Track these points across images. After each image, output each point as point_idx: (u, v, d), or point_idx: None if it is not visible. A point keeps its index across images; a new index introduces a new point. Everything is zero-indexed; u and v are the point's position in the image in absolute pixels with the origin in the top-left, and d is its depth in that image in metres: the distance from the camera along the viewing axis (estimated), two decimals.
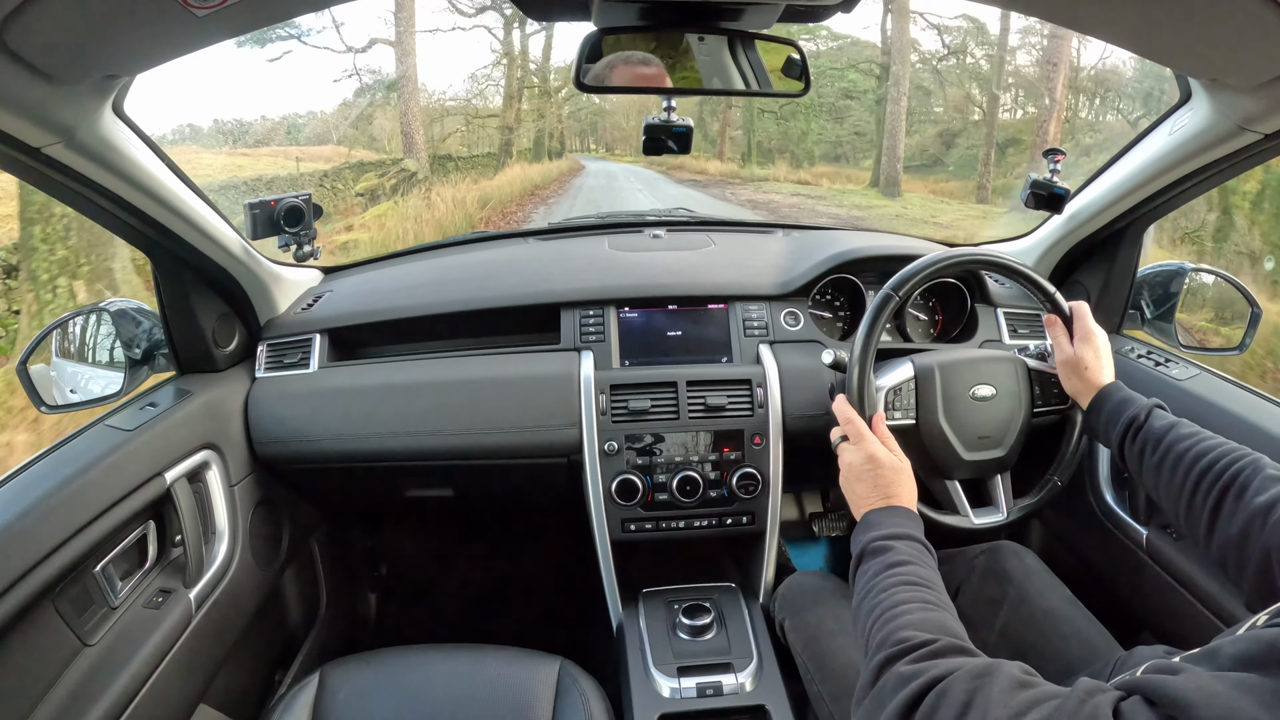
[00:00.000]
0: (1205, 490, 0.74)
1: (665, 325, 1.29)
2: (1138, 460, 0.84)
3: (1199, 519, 0.74)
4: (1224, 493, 0.72)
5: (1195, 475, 0.76)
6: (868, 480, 0.86)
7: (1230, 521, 0.71)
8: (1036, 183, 1.24)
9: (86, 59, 0.69)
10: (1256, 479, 0.71)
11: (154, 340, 1.18)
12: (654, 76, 0.88)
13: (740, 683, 1.04)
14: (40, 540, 0.80)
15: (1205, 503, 0.74)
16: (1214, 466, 0.75)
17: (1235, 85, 0.84)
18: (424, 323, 1.32)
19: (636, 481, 1.16)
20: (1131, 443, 0.85)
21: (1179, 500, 0.77)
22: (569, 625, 1.68)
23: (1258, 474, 0.72)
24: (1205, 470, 0.75)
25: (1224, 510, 0.72)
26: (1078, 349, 0.97)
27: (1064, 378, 0.98)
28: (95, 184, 0.88)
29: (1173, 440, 0.81)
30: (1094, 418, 0.91)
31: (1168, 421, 0.84)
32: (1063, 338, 0.99)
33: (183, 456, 1.06)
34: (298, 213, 1.21)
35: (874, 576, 0.73)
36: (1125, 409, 0.87)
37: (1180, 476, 0.77)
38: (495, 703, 0.95)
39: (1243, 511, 0.70)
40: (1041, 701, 0.49)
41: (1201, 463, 0.76)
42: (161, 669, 0.95)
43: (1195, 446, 0.78)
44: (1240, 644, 0.44)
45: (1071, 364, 0.96)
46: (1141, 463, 0.83)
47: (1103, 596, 1.07)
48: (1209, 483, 0.74)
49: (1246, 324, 1.22)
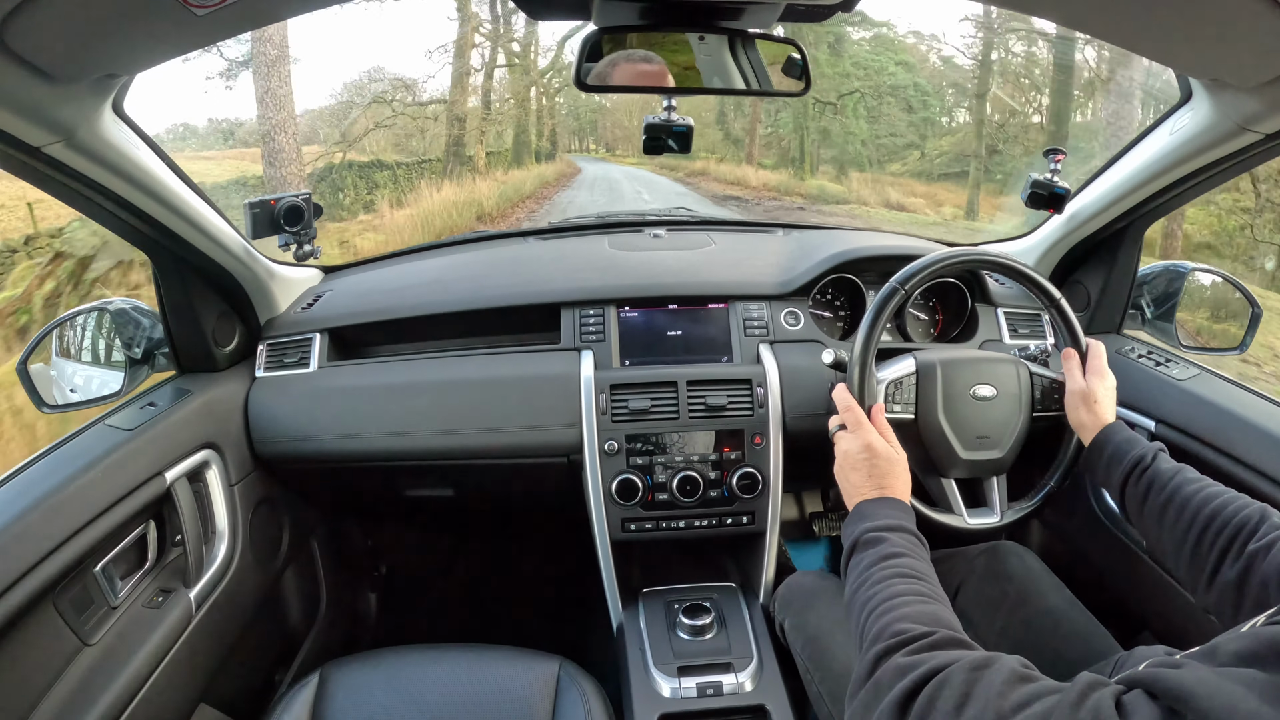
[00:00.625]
0: (1213, 535, 0.73)
1: (665, 325, 1.29)
2: (1140, 501, 0.83)
3: (1203, 563, 0.74)
4: (1232, 539, 0.72)
5: (1203, 520, 0.75)
6: (862, 469, 0.85)
7: (1232, 566, 0.71)
8: (1037, 182, 1.24)
9: (86, 58, 0.69)
10: (1263, 526, 0.71)
11: (154, 339, 1.18)
12: (654, 75, 0.88)
13: (740, 682, 1.04)
14: (40, 540, 0.80)
15: (1212, 548, 0.73)
16: (1222, 512, 0.74)
17: (1236, 85, 0.84)
18: (424, 322, 1.31)
19: (636, 481, 1.16)
20: (1136, 483, 0.84)
21: (1182, 544, 0.77)
22: (569, 625, 1.68)
23: (1265, 521, 0.71)
24: (1213, 516, 0.75)
25: (1229, 555, 0.72)
26: (1090, 382, 0.96)
27: (1071, 408, 0.97)
28: (95, 183, 0.88)
29: (1180, 483, 0.80)
30: (1096, 454, 0.91)
31: (1174, 466, 0.83)
32: (1077, 370, 0.99)
33: (183, 456, 1.06)
34: (298, 212, 1.21)
35: (868, 568, 0.72)
36: (1130, 448, 0.86)
37: (1186, 520, 0.76)
38: (495, 702, 0.95)
39: (1245, 557, 0.70)
40: (1042, 695, 0.49)
41: (1209, 508, 0.75)
42: (161, 668, 0.95)
43: (1202, 492, 0.78)
44: (1240, 641, 0.44)
45: (1082, 395, 0.96)
46: (1144, 504, 0.82)
47: (1103, 597, 1.07)
48: (1216, 528, 0.74)
49: (1247, 324, 1.22)
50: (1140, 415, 1.16)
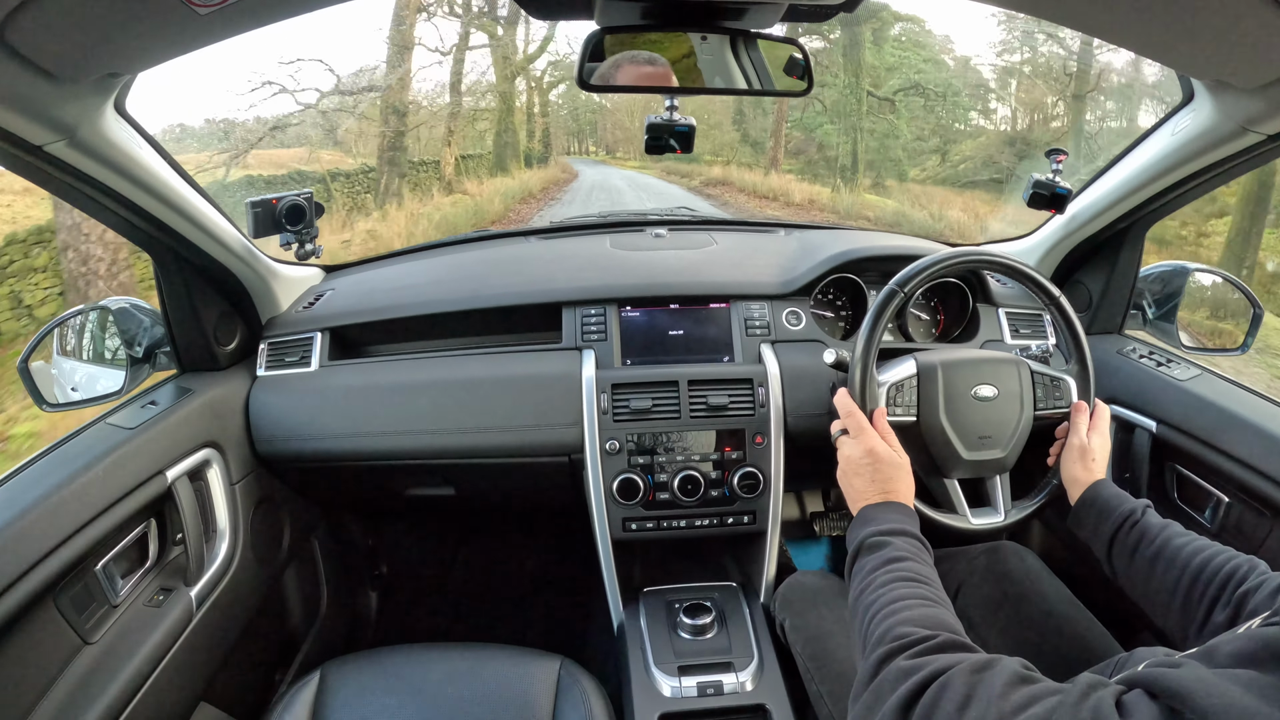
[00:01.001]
0: (1203, 585, 0.74)
1: (667, 324, 1.29)
2: (1129, 554, 0.83)
3: (1194, 612, 0.74)
4: (1222, 588, 0.73)
5: (1193, 571, 0.76)
6: (866, 474, 0.86)
7: (1223, 611, 0.71)
8: (1039, 182, 1.24)
9: (88, 57, 0.69)
10: (1252, 574, 0.71)
11: (155, 338, 1.18)
12: (657, 75, 0.88)
13: (741, 682, 1.04)
14: (41, 538, 0.80)
15: (1203, 597, 0.74)
16: (1211, 563, 0.75)
17: (1238, 86, 0.84)
18: (425, 321, 1.31)
19: (638, 481, 1.16)
20: (1125, 536, 0.84)
21: (1173, 594, 0.77)
22: (569, 624, 1.68)
23: (1254, 570, 0.72)
24: (1203, 566, 0.75)
25: (1219, 602, 0.72)
26: (1091, 439, 0.97)
27: (1068, 463, 0.97)
28: (97, 182, 0.88)
29: (1169, 536, 0.81)
30: (1085, 510, 0.91)
31: (1162, 521, 0.84)
32: (1083, 425, 0.99)
33: (184, 455, 1.06)
34: (299, 211, 1.21)
35: (871, 572, 0.73)
36: (1120, 503, 0.87)
37: (1176, 572, 0.77)
38: (495, 702, 0.95)
39: (1236, 601, 0.70)
40: (1043, 696, 0.49)
41: (1198, 559, 0.76)
42: (162, 667, 0.95)
43: (1191, 544, 0.79)
44: (1238, 642, 0.45)
45: (1080, 450, 0.96)
46: (1133, 556, 0.83)
47: (1103, 597, 1.07)
48: (1206, 579, 0.74)
49: (1249, 325, 1.22)
50: (1141, 416, 1.16)
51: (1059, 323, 1.06)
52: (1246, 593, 0.70)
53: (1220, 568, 0.74)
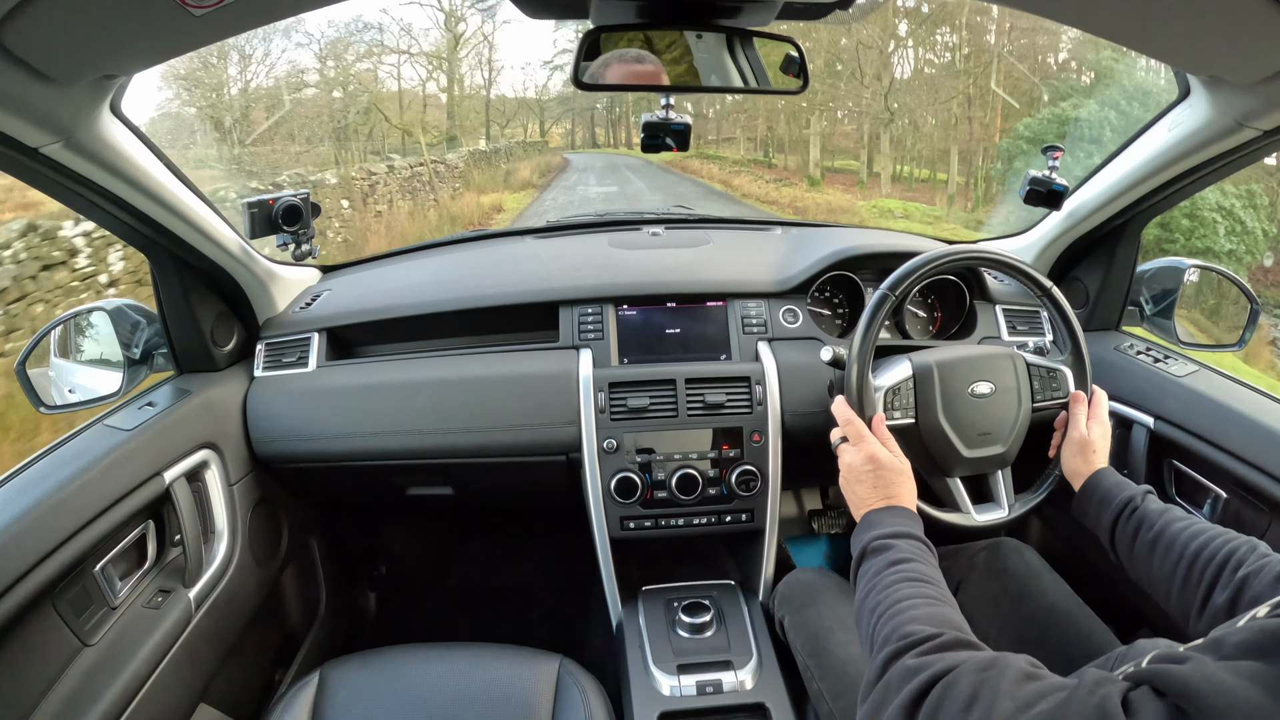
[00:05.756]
0: (1202, 566, 0.75)
1: (664, 323, 1.29)
2: (1130, 539, 0.84)
3: (1194, 593, 0.75)
4: (1221, 568, 0.73)
5: (1191, 553, 0.76)
6: (868, 481, 0.86)
7: (1223, 592, 0.72)
8: (1035, 179, 1.24)
9: (84, 59, 0.69)
10: (1252, 555, 0.72)
11: (152, 340, 1.18)
12: (652, 74, 0.88)
13: (740, 680, 1.04)
14: (40, 540, 0.80)
15: (1201, 578, 0.74)
16: (1210, 544, 0.76)
17: (1234, 82, 0.84)
18: (422, 321, 1.31)
19: (635, 479, 1.16)
20: (1126, 522, 0.85)
21: (1172, 577, 0.78)
22: (568, 624, 1.68)
23: (1254, 550, 0.73)
24: (1202, 548, 0.76)
25: (1219, 583, 0.73)
26: (1091, 430, 0.97)
27: (1068, 455, 0.97)
28: (93, 184, 0.88)
29: (1168, 520, 0.82)
30: (1086, 498, 0.92)
31: (1161, 506, 0.85)
32: (1082, 416, 0.99)
33: (182, 456, 1.06)
34: (296, 211, 1.21)
35: (876, 574, 0.73)
36: (1120, 491, 0.88)
37: (1175, 555, 0.78)
38: (495, 701, 0.95)
39: (1236, 583, 0.71)
40: (1049, 693, 0.49)
41: (1197, 541, 0.77)
42: (161, 668, 0.95)
43: (1190, 528, 0.79)
44: (1243, 633, 0.45)
45: (1081, 443, 0.96)
46: (1134, 541, 0.84)
47: (1103, 593, 1.07)
48: (1205, 559, 0.75)
49: (1246, 320, 1.22)
50: (1139, 412, 1.16)
51: (1052, 313, 1.05)
52: (1247, 575, 0.70)
53: (1219, 550, 0.74)
